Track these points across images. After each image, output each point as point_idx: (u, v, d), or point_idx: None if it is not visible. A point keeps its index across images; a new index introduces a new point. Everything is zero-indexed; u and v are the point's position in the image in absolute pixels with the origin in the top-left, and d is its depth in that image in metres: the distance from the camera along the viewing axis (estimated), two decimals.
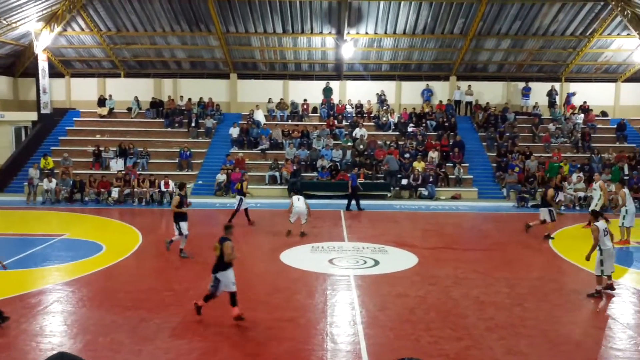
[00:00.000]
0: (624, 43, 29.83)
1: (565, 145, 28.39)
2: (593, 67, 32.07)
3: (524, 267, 14.32)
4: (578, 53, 30.58)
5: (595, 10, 27.51)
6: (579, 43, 29.93)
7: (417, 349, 9.07)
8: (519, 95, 31.64)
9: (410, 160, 26.51)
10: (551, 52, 30.86)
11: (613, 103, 32.10)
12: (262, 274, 13.33)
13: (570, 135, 28.98)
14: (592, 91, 31.84)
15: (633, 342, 9.59)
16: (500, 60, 31.53)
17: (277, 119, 30.57)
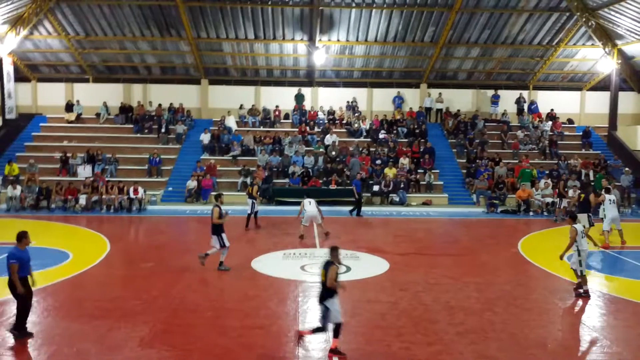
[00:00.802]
0: (588, 53, 30.54)
1: (533, 152, 28.88)
2: (559, 75, 32.73)
3: (494, 271, 14.47)
4: (545, 62, 31.19)
5: (561, 21, 28.12)
6: (546, 52, 30.53)
7: (388, 354, 9.07)
8: (488, 103, 32.11)
9: (381, 167, 26.64)
10: (519, 61, 31.42)
11: (579, 111, 32.81)
12: (232, 281, 13.20)
13: (538, 142, 29.49)
14: (559, 99, 32.50)
15: (599, 345, 9.75)
16: (469, 68, 31.97)
17: (249, 125, 30.45)
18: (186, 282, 13.08)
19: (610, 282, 13.82)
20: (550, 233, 19.97)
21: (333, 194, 25.09)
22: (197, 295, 12.11)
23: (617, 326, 10.83)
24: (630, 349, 9.51)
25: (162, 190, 25.88)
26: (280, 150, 28.03)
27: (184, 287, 12.60)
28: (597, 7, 26.43)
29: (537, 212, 23.71)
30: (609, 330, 10.55)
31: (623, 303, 12.09)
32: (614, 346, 9.65)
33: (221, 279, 13.39)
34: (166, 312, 10.97)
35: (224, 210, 14.55)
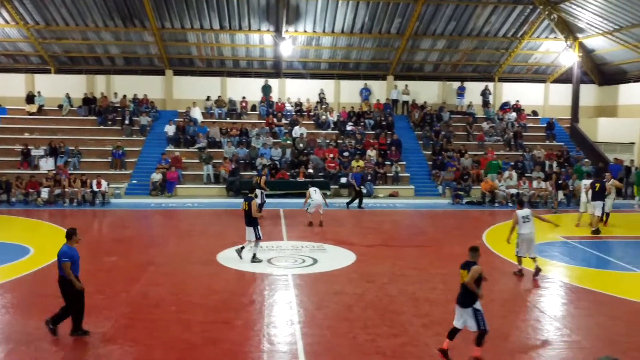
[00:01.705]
0: (551, 46, 31.05)
1: (498, 144, 29.27)
2: (524, 67, 33.22)
3: (459, 263, 14.57)
4: (510, 54, 31.60)
5: (525, 13, 28.50)
6: (511, 44, 30.93)
7: (354, 347, 9.09)
8: (454, 95, 32.41)
9: (349, 159, 26.68)
10: (485, 53, 31.76)
11: (543, 103, 33.37)
12: (197, 275, 13.04)
13: (503, 133, 29.90)
14: (523, 91, 32.98)
15: (559, 333, 9.94)
16: (436, 60, 32.19)
17: (215, 117, 30.11)
18: (150, 276, 12.89)
19: (571, 272, 14.11)
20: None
21: (301, 186, 24.98)
22: (161, 289, 11.94)
23: (577, 315, 11.07)
24: (588, 338, 9.72)
25: (126, 183, 25.45)
26: (247, 142, 27.82)
27: (148, 282, 12.42)
28: (559, 1, 26.87)
29: (502, 203, 24.05)
30: (569, 319, 10.77)
31: (583, 292, 12.36)
32: (574, 335, 9.85)
33: (186, 273, 13.22)
34: (129, 307, 10.80)
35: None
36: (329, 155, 26.72)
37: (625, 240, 17.80)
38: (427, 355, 8.81)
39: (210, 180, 25.76)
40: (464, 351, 8.63)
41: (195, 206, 22.91)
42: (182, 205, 22.97)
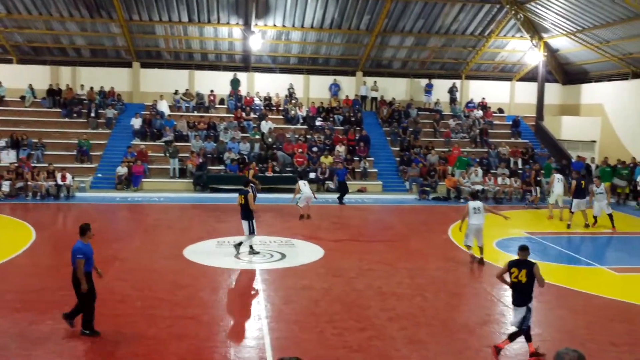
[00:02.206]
0: (517, 44, 31.56)
1: (464, 141, 29.67)
2: (490, 66, 33.69)
3: (425, 257, 14.81)
4: (477, 52, 32.02)
5: (492, 12, 28.89)
6: (478, 42, 31.33)
7: (321, 341, 9.13)
8: (421, 92, 32.70)
9: (318, 154, 26.71)
10: (452, 51, 32.10)
11: (509, 101, 33.92)
12: (163, 270, 12.90)
13: (469, 130, 30.31)
14: (490, 89, 33.46)
15: None
16: (404, 57, 32.41)
17: (182, 110, 29.78)
18: (115, 271, 12.70)
19: None
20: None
21: (269, 180, 24.95)
22: (127, 285, 11.79)
23: (540, 309, 11.29)
24: (550, 330, 9.96)
25: (92, 176, 25.01)
26: (215, 136, 27.61)
27: (112, 277, 12.22)
28: (525, 1, 27.32)
29: (467, 199, 24.32)
30: (532, 313, 10.98)
31: (546, 286, 12.58)
32: (536, 328, 10.06)
33: (152, 268, 13.08)
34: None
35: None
36: (298, 150, 26.70)
37: (586, 236, 18.25)
38: (392, 348, 8.90)
39: (176, 174, 25.49)
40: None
41: (162, 200, 22.66)
42: (148, 200, 22.70)
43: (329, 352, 8.70)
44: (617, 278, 13.31)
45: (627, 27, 24.68)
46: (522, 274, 8.42)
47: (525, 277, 8.40)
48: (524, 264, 8.52)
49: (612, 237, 17.93)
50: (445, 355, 8.73)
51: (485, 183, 24.94)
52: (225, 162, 25.82)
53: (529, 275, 8.38)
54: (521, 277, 8.43)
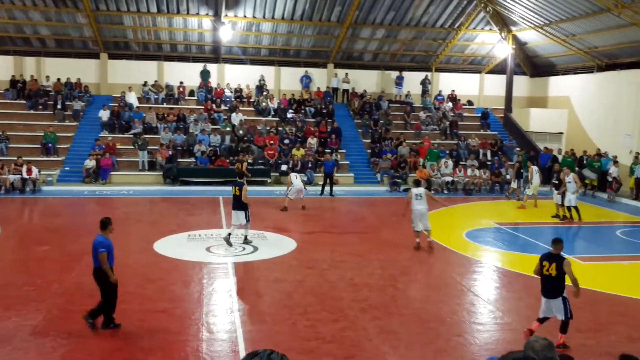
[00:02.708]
0: (486, 37, 31.87)
1: (434, 133, 29.91)
2: (460, 58, 33.97)
3: (396, 248, 14.91)
4: (447, 45, 32.24)
5: (462, 5, 29.11)
6: (448, 35, 31.55)
7: (293, 333, 9.13)
8: (392, 84, 32.82)
9: (289, 147, 26.63)
10: (422, 43, 32.26)
11: (478, 93, 34.29)
12: (133, 264, 12.70)
13: (439, 123, 30.57)
14: (459, 81, 33.76)
15: (493, 316, 10.32)
16: (375, 49, 32.47)
17: (151, 102, 29.34)
18: (84, 266, 12.42)
19: (503, 257, 14.64)
20: (449, 211, 20.83)
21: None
22: None
23: (509, 298, 11.51)
24: (519, 319, 10.13)
25: (58, 170, 24.49)
26: (184, 128, 27.29)
27: (81, 271, 11.99)
28: None
29: (437, 191, 24.62)
30: (501, 302, 11.18)
31: (515, 276, 12.86)
32: (506, 317, 10.25)
33: (121, 262, 12.79)
34: (62, 298, 10.45)
35: None
36: (269, 143, 26.57)
37: (554, 226, 18.59)
38: (365, 339, 8.95)
39: (145, 167, 25.15)
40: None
41: (131, 194, 22.35)
42: (117, 193, 22.36)
43: (301, 344, 8.71)
44: (583, 267, 13.59)
45: (592, 21, 25.12)
46: (552, 267, 8.56)
47: (555, 271, 8.54)
48: (555, 258, 8.65)
49: (580, 228, 18.30)
50: (416, 345, 8.81)
51: (455, 175, 25.21)
52: (196, 154, 25.56)
53: (558, 269, 8.51)
54: (551, 271, 8.57)
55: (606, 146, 25.95)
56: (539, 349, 3.55)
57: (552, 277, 8.59)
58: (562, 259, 8.66)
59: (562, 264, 8.53)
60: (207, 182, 24.21)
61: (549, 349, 3.58)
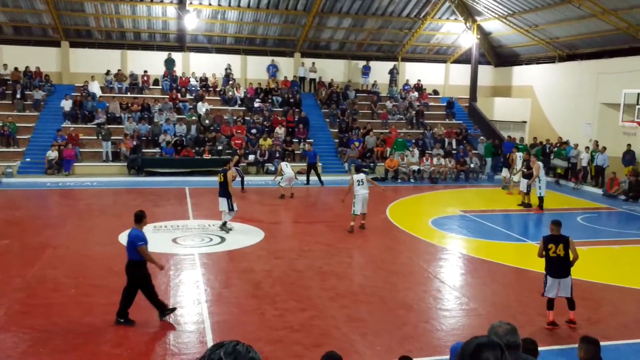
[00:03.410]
0: (452, 27, 32.14)
1: (401, 122, 30.11)
2: (426, 48, 34.21)
3: (363, 237, 15.01)
4: (413, 34, 32.41)
5: None
6: (414, 25, 31.70)
7: (262, 323, 9.12)
8: (359, 74, 32.88)
9: (257, 136, 26.48)
10: (389, 32, 32.36)
11: (443, 82, 34.61)
12: (97, 256, 12.52)
13: (405, 112, 30.78)
14: (425, 71, 34.02)
15: (459, 302, 10.49)
16: (342, 38, 32.44)
17: (115, 91, 28.77)
18: (47, 259, 12.24)
19: (468, 244, 14.87)
20: (415, 199, 21.07)
21: (207, 163, 24.58)
22: (59, 272, 11.38)
23: (474, 284, 11.71)
24: (484, 305, 10.33)
25: (19, 161, 23.86)
26: (149, 118, 26.86)
27: (44, 265, 11.79)
28: None
29: (404, 180, 24.85)
30: (467, 288, 11.37)
31: (479, 262, 13.08)
32: (471, 302, 10.43)
33: (86, 255, 12.66)
34: (24, 292, 10.22)
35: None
36: (236, 132, 26.37)
37: (517, 213, 18.95)
38: (333, 327, 9.00)
39: (109, 158, 24.71)
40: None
41: (95, 185, 21.93)
42: (81, 185, 21.92)
43: (270, 333, 8.71)
44: None
45: (554, 12, 25.56)
46: (559, 248, 8.85)
47: (563, 251, 8.84)
48: (560, 239, 8.95)
49: (543, 214, 18.69)
50: (384, 332, 8.90)
51: (422, 164, 25.44)
52: (161, 144, 25.20)
53: (565, 248, 8.84)
54: (559, 252, 8.85)
55: (568, 135, 26.52)
56: (502, 333, 3.62)
57: (561, 258, 8.87)
58: (566, 238, 9.00)
59: (568, 243, 8.88)
60: (173, 172, 23.93)
61: (512, 333, 3.65)
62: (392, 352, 7.82)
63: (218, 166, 24.36)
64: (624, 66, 23.51)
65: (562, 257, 8.88)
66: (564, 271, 8.94)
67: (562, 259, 8.89)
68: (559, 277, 8.93)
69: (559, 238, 8.98)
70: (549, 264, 9.03)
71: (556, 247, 8.89)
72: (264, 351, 8.06)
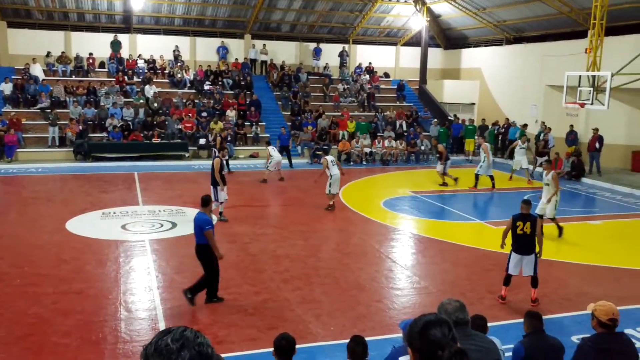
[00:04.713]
0: (402, 10, 32.34)
1: (352, 105, 30.21)
2: (377, 30, 34.34)
3: (317, 219, 15.07)
4: (364, 16, 32.45)
5: None
6: (365, 7, 31.73)
7: (215, 307, 9.07)
8: (311, 56, 32.76)
9: (207, 120, 26.10)
10: (340, 15, 32.30)
11: (394, 65, 34.87)
12: (44, 245, 12.16)
13: (357, 95, 30.89)
14: (376, 53, 34.18)
15: (410, 281, 10.69)
16: (292, 20, 32.19)
17: (59, 75, 27.78)
18: None
19: (419, 224, 15.14)
20: (367, 181, 21.26)
21: (156, 148, 24.11)
22: (3, 262, 10.99)
23: (424, 263, 11.95)
24: (434, 283, 10.56)
25: None
26: (95, 101, 26.09)
27: None
28: None
29: (356, 162, 25.02)
30: (418, 268, 11.59)
31: (430, 242, 13.35)
32: (422, 281, 10.64)
33: (32, 243, 12.27)
34: None
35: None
36: (186, 116, 25.92)
37: (465, 193, 19.37)
38: (287, 309, 9.03)
39: (56, 143, 23.93)
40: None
41: (40, 172, 21.21)
42: (25, 171, 21.16)
43: (223, 318, 8.68)
44: (494, 231, 14.27)
45: None
46: (527, 226, 9.20)
47: (529, 229, 9.20)
48: (528, 217, 9.32)
49: (492, 194, 19.16)
50: (338, 312, 8.99)
51: (374, 146, 25.65)
52: (108, 129, 24.54)
53: (532, 227, 9.20)
54: (526, 229, 9.20)
55: (514, 116, 27.18)
56: (451, 310, 3.71)
57: (527, 235, 9.24)
58: (534, 217, 9.49)
59: (535, 222, 9.29)
60: (121, 157, 23.39)
61: (460, 310, 3.74)
62: (346, 331, 7.91)
63: (166, 150, 24.15)
64: (567, 49, 24.20)
65: (529, 234, 9.23)
66: (529, 249, 9.29)
67: (528, 236, 9.24)
68: (523, 254, 9.29)
69: (527, 216, 9.35)
70: (515, 241, 9.38)
71: (524, 224, 9.24)
72: (218, 335, 8.03)
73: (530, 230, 9.23)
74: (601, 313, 4.87)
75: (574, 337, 7.76)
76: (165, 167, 22.51)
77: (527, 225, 9.23)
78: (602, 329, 4.90)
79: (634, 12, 22.05)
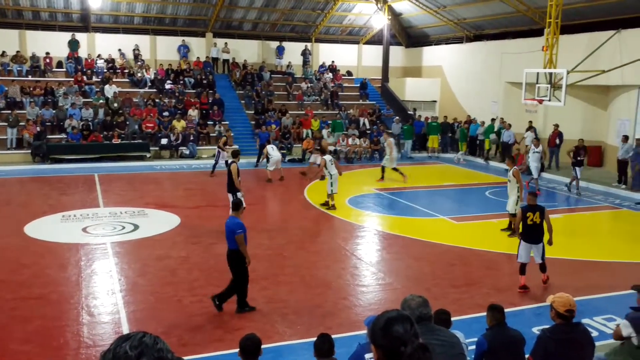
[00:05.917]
0: (363, 8, 32.51)
1: (316, 103, 30.25)
2: (339, 29, 34.44)
3: (283, 218, 15.08)
4: (326, 15, 32.50)
5: None
6: (326, 5, 31.77)
7: (179, 309, 8.98)
8: (273, 55, 32.66)
9: (169, 119, 25.77)
10: (302, 13, 32.28)
11: (356, 63, 35.04)
12: (3, 249, 11.81)
13: (320, 93, 30.94)
14: (339, 52, 34.29)
15: (375, 278, 10.78)
16: (254, 18, 32.03)
17: (14, 75, 27.01)
18: None
19: (383, 221, 15.26)
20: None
21: (117, 148, 23.70)
22: None
23: (389, 259, 12.06)
24: (399, 279, 10.67)
25: None
26: (53, 102, 25.48)
27: None
28: None
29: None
30: (383, 264, 11.69)
31: (394, 238, 13.48)
32: (387, 277, 10.75)
33: None
34: None
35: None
36: (147, 116, 25.53)
37: (428, 189, 19.62)
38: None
39: (13, 145, 23.28)
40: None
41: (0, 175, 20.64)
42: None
43: (188, 320, 8.60)
44: (456, 226, 14.54)
45: None
46: (536, 216, 9.77)
47: (539, 219, 9.77)
48: (536, 208, 9.86)
49: (455, 190, 19.44)
50: (304, 310, 9.01)
51: (338, 144, 25.73)
52: (67, 130, 24.00)
53: (541, 216, 9.78)
54: (536, 219, 9.77)
55: (475, 113, 27.65)
56: (414, 306, 3.75)
57: (536, 224, 9.80)
58: (542, 207, 9.98)
59: (543, 211, 9.84)
60: (81, 159, 22.91)
61: (423, 305, 3.79)
62: (313, 329, 7.92)
63: (128, 151, 23.74)
64: (525, 47, 24.72)
65: (538, 224, 9.78)
66: (538, 237, 9.85)
67: (538, 225, 9.80)
68: (533, 242, 9.85)
69: (535, 207, 9.87)
70: (525, 230, 9.88)
71: (533, 215, 9.77)
72: (183, 338, 7.96)
73: (540, 220, 9.77)
74: (559, 305, 5.02)
75: (534, 329, 7.95)
76: (126, 168, 22.15)
77: (537, 215, 9.77)
78: (560, 320, 5.05)
79: (588, 11, 22.69)
